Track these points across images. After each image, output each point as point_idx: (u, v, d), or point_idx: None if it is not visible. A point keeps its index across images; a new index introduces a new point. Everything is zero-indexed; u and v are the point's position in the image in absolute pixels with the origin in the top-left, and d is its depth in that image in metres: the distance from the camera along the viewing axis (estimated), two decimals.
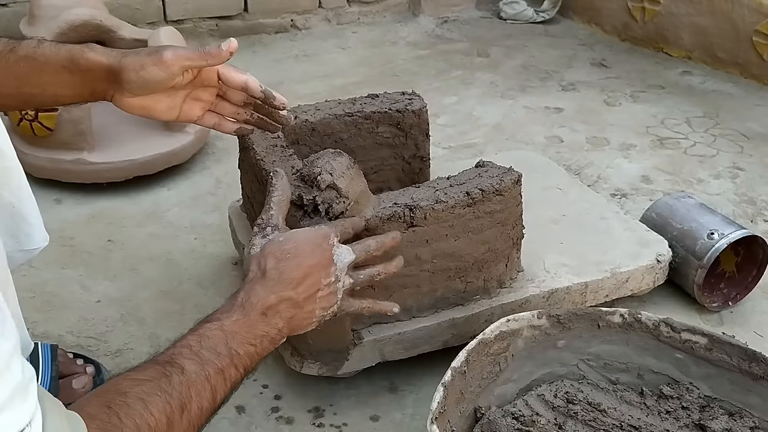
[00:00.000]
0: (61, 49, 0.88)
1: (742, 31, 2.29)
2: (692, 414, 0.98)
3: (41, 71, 0.86)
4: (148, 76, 0.86)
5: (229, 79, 0.94)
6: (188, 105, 0.95)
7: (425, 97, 1.36)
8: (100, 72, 0.87)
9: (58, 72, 0.87)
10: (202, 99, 0.95)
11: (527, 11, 2.94)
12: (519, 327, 1.00)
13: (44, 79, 0.87)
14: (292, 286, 0.81)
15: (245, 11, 2.78)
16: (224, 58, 0.89)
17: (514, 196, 1.10)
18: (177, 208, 1.64)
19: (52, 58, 0.87)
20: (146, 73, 0.86)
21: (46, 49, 0.87)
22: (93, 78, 0.87)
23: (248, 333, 0.77)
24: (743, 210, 1.63)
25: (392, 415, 1.10)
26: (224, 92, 0.97)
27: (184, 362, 0.70)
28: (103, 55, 0.87)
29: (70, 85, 0.88)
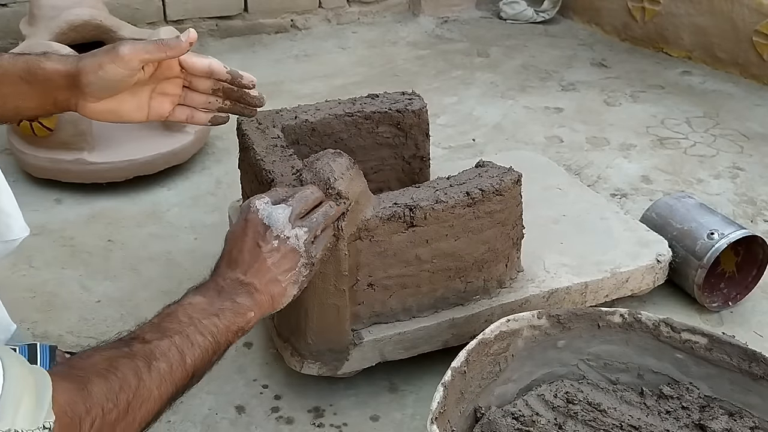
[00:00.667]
0: (18, 61, 0.86)
1: (742, 31, 2.29)
2: (692, 414, 0.98)
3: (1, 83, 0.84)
4: (108, 75, 0.84)
5: (191, 66, 0.90)
6: (156, 101, 0.92)
7: (425, 97, 1.36)
8: (59, 80, 0.85)
9: (16, 84, 0.85)
10: (169, 93, 0.92)
11: (527, 11, 2.94)
12: (519, 327, 1.00)
13: (3, 92, 0.85)
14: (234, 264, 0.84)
15: (245, 11, 2.78)
16: (183, 49, 0.86)
17: (514, 196, 1.10)
18: (177, 208, 1.64)
19: (9, 69, 0.85)
20: (105, 73, 0.83)
21: (3, 61, 0.85)
22: (53, 87, 0.85)
23: (209, 306, 0.79)
24: (743, 210, 1.63)
25: (392, 415, 1.10)
26: (190, 82, 0.93)
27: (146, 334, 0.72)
28: (59, 63, 0.85)
29: (30, 97, 0.86)
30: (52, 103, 0.87)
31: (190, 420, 1.08)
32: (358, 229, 1.00)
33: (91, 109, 0.87)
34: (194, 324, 0.76)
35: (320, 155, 1.00)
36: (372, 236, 1.01)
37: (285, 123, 1.25)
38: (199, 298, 0.80)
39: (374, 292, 1.05)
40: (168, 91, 0.92)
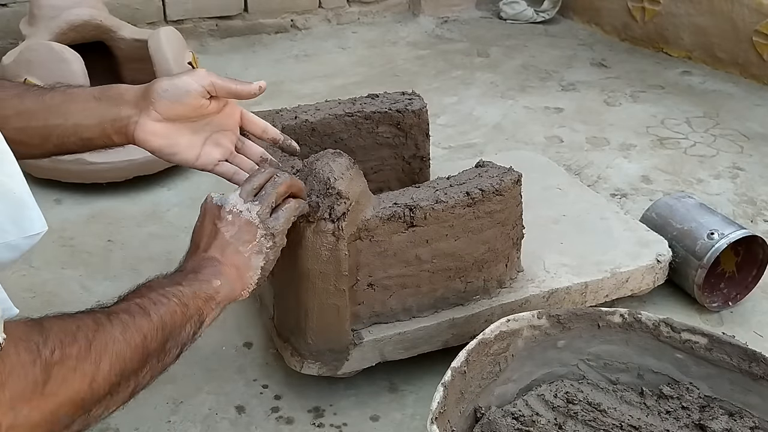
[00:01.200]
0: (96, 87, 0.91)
1: (742, 31, 2.30)
2: (692, 414, 0.98)
3: (71, 101, 0.89)
4: (180, 84, 0.89)
5: (249, 121, 0.99)
6: (208, 147, 0.97)
7: (425, 97, 1.36)
8: (129, 95, 0.90)
9: (86, 101, 0.89)
10: (222, 144, 0.98)
11: (527, 11, 2.94)
12: (519, 327, 1.00)
13: (71, 108, 0.88)
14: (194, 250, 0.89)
15: (245, 11, 2.78)
16: (252, 91, 0.93)
17: (514, 196, 1.10)
18: (177, 208, 1.64)
19: (85, 91, 0.91)
20: (179, 80, 0.89)
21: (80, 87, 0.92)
22: (119, 102, 0.89)
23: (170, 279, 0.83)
24: (743, 210, 1.63)
25: (392, 415, 1.10)
26: (242, 146, 1.00)
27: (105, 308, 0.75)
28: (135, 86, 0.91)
29: (93, 113, 0.89)
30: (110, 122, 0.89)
31: (190, 420, 1.08)
32: (358, 229, 1.00)
33: (149, 129, 0.90)
34: (155, 290, 0.78)
35: (320, 155, 1.01)
36: (372, 236, 1.01)
37: (285, 123, 1.25)
38: (163, 278, 0.83)
39: (374, 292, 1.05)
40: (222, 143, 0.98)
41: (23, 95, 0.89)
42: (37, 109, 0.88)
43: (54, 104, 0.88)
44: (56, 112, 0.88)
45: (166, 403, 1.11)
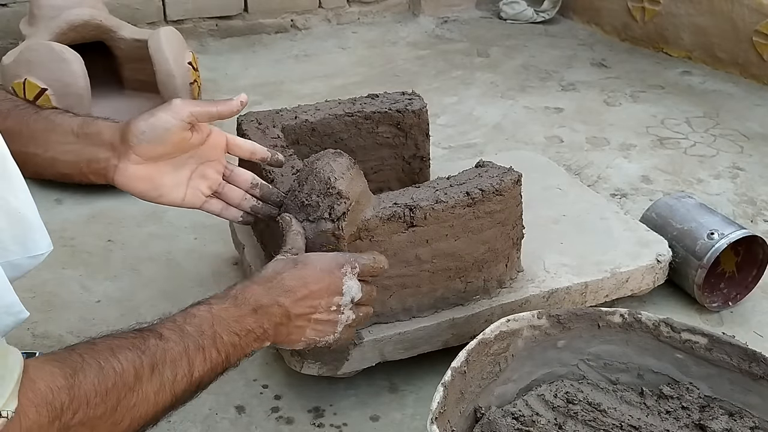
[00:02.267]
0: (77, 117, 0.88)
1: (742, 31, 2.30)
2: (692, 414, 0.98)
3: (52, 131, 0.86)
4: (158, 122, 0.85)
5: (236, 146, 0.95)
6: (195, 182, 0.93)
7: (425, 97, 1.36)
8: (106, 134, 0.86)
9: (65, 134, 0.86)
10: (209, 177, 0.95)
11: (527, 11, 2.94)
12: (519, 327, 1.00)
13: (51, 139, 0.86)
14: (289, 296, 0.81)
15: (245, 11, 2.78)
16: (234, 109, 0.89)
17: (514, 196, 1.10)
18: (177, 208, 1.64)
19: (66, 121, 0.87)
20: (156, 120, 0.85)
21: (66, 114, 0.89)
22: (96, 142, 0.86)
23: (235, 323, 0.76)
24: (743, 210, 1.63)
25: (392, 415, 1.10)
26: (230, 173, 0.97)
27: (164, 331, 0.70)
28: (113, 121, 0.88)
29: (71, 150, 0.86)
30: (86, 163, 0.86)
31: (190, 420, 1.08)
32: (358, 229, 1.00)
33: (129, 173, 0.87)
34: (214, 338, 0.73)
35: (320, 155, 1.01)
36: (372, 236, 1.01)
37: (285, 123, 1.25)
38: (233, 310, 0.77)
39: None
40: (208, 175, 0.94)
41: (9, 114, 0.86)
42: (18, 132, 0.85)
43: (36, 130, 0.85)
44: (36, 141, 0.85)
45: None
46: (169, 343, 0.69)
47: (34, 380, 0.58)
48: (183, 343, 0.70)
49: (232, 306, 0.77)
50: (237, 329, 0.76)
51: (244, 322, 0.77)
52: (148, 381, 0.66)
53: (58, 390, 0.58)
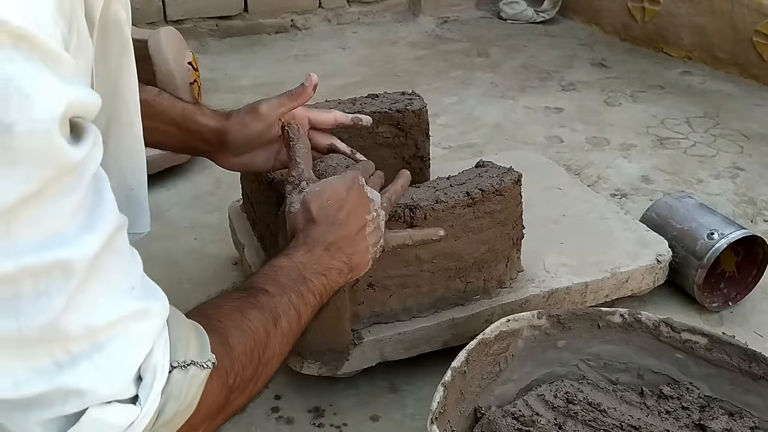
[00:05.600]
0: (177, 105, 0.96)
1: (742, 31, 2.30)
2: (692, 414, 0.98)
3: (155, 119, 0.93)
4: (250, 133, 0.95)
5: (319, 120, 1.02)
6: (282, 155, 1.00)
7: (425, 97, 1.35)
8: (207, 134, 0.96)
9: (169, 124, 0.95)
10: None
11: (527, 11, 2.94)
12: (519, 327, 1.00)
13: (156, 126, 0.93)
14: (343, 225, 0.83)
15: (245, 11, 2.78)
16: (309, 94, 0.96)
17: (514, 196, 1.10)
18: (177, 208, 1.64)
19: (168, 110, 0.95)
20: (248, 131, 0.95)
21: (164, 100, 0.96)
22: (199, 138, 0.96)
23: (317, 264, 0.78)
24: (743, 210, 1.63)
25: (392, 415, 1.10)
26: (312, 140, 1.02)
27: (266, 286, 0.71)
28: (211, 119, 0.96)
29: (175, 139, 0.96)
30: (192, 149, 0.99)
31: None
32: None
33: (229, 162, 0.99)
34: (306, 283, 0.75)
35: (323, 159, 1.01)
36: None
37: None
38: (309, 254, 0.79)
39: (374, 292, 1.05)
40: None
41: None
42: None
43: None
44: None
45: None
46: (276, 297, 0.71)
47: None
48: (286, 295, 0.72)
49: (307, 252, 0.79)
50: (321, 270, 0.78)
51: (323, 262, 0.79)
52: (274, 335, 0.68)
53: (221, 356, 0.59)
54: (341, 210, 0.84)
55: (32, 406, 0.45)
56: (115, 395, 0.48)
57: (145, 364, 0.50)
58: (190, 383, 0.54)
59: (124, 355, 0.48)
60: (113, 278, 0.48)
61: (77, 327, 0.45)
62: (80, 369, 0.46)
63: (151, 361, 0.50)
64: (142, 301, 0.51)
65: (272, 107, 0.95)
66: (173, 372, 0.52)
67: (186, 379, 0.53)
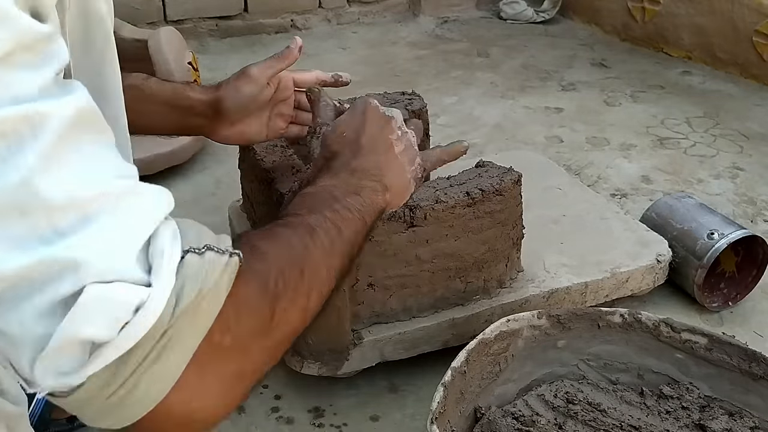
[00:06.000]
0: (166, 86, 0.97)
1: (742, 31, 2.29)
2: (692, 414, 0.98)
3: (146, 102, 0.94)
4: (243, 97, 0.95)
5: (302, 80, 1.02)
6: (273, 122, 1.02)
7: (425, 97, 1.35)
8: (200, 108, 0.96)
9: (161, 105, 0.95)
10: (284, 113, 1.03)
11: (527, 11, 2.94)
12: (519, 327, 1.00)
13: (148, 109, 0.94)
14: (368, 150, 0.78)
15: (245, 11, 2.78)
16: (296, 56, 0.98)
17: (514, 196, 1.10)
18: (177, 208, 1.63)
19: (158, 92, 0.96)
20: (241, 95, 0.95)
21: (152, 83, 0.97)
22: (193, 113, 0.96)
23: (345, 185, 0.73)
24: (743, 210, 1.63)
25: (392, 415, 1.10)
26: (298, 102, 1.04)
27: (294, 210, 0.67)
28: (202, 93, 0.96)
29: (170, 119, 0.96)
30: (187, 127, 0.99)
31: None
32: None
33: (223, 134, 0.99)
34: (338, 200, 0.69)
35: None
36: (372, 236, 1.01)
37: None
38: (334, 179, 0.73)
39: (374, 292, 1.05)
40: (283, 112, 1.03)
41: None
42: None
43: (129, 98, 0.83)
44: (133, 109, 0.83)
45: None
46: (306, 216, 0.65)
47: None
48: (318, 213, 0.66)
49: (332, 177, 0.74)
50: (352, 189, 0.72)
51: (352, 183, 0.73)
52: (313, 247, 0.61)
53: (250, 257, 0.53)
54: (361, 137, 0.78)
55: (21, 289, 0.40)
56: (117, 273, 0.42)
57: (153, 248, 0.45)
58: (209, 267, 0.47)
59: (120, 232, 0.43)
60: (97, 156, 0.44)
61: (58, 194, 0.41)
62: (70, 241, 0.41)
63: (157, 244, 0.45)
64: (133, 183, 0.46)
65: (261, 69, 0.96)
66: (186, 256, 0.47)
67: (203, 262, 0.47)
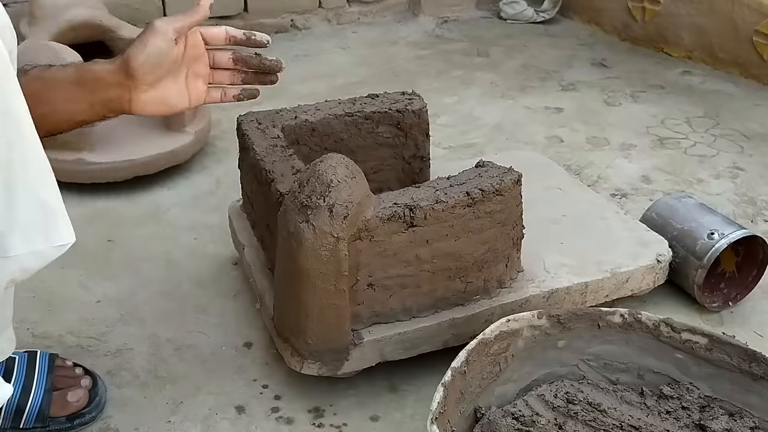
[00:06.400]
0: (68, 67, 0.94)
1: (742, 31, 2.29)
2: (692, 414, 0.98)
3: (52, 88, 0.91)
4: (153, 51, 0.91)
5: (211, 36, 0.99)
6: (192, 83, 0.99)
7: (425, 97, 1.36)
8: (109, 77, 0.92)
9: (67, 88, 0.91)
10: (201, 73, 1.00)
11: (527, 11, 2.94)
12: (519, 327, 1.00)
13: (55, 96, 0.91)
14: None
15: (245, 11, 2.78)
16: (206, 12, 0.95)
17: (514, 196, 1.10)
18: (177, 208, 1.64)
19: (60, 74, 0.92)
20: (150, 49, 0.91)
21: (54, 69, 0.93)
22: (104, 86, 0.92)
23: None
24: (743, 210, 1.63)
25: (392, 415, 1.10)
26: (213, 59, 1.01)
27: None
28: (107, 63, 0.93)
29: (81, 99, 0.92)
30: (103, 104, 0.93)
31: (190, 420, 1.08)
32: (358, 229, 1.00)
33: (142, 101, 0.94)
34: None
35: (324, 158, 1.01)
36: (372, 236, 1.01)
37: (285, 123, 1.25)
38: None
39: (374, 292, 1.05)
40: (199, 72, 0.99)
41: None
42: None
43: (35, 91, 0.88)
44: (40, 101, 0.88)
45: (166, 403, 1.11)
46: None
47: None
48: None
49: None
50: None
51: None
52: None
53: None
54: None
55: None
56: None
57: None
58: None
59: None
60: None
61: None
62: None
63: None
64: None
65: (167, 21, 0.93)
66: None
67: None
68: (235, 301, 1.33)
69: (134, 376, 1.16)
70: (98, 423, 1.07)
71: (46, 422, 1.03)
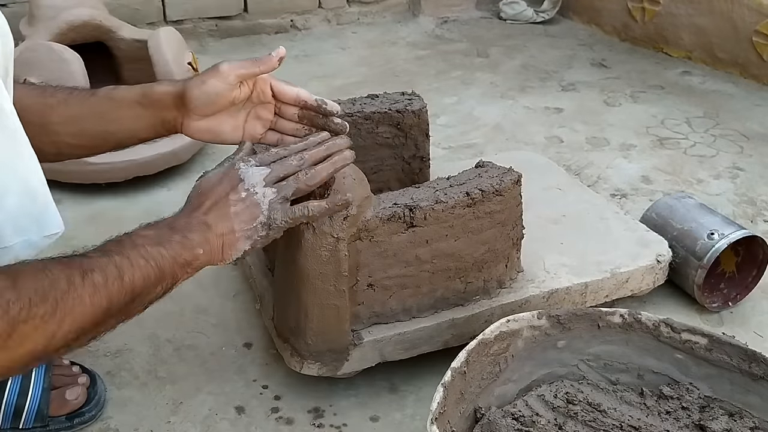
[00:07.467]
0: (134, 88, 0.99)
1: (742, 31, 2.30)
2: (692, 414, 0.98)
3: (119, 107, 0.97)
4: (209, 89, 0.94)
5: (281, 92, 1.00)
6: (250, 124, 1.00)
7: (425, 97, 1.36)
8: (168, 100, 0.96)
9: (132, 107, 0.97)
10: (262, 117, 1.01)
11: (527, 11, 2.94)
12: (519, 327, 1.00)
13: (121, 114, 0.97)
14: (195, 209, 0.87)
15: (245, 11, 2.78)
16: (274, 64, 0.96)
17: (514, 196, 1.10)
18: (177, 209, 1.64)
19: (127, 95, 0.97)
20: (207, 87, 0.94)
21: (121, 90, 0.98)
22: (163, 107, 0.97)
23: (156, 236, 0.82)
24: (743, 210, 1.63)
25: (392, 415, 1.10)
26: (279, 109, 1.01)
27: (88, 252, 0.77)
28: (169, 85, 0.98)
29: (143, 118, 0.97)
30: (161, 123, 0.98)
31: (190, 420, 1.08)
32: (358, 229, 1.00)
33: (194, 127, 0.98)
34: (137, 249, 0.79)
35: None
36: (372, 236, 1.01)
37: None
38: (150, 231, 0.83)
39: (374, 292, 1.05)
40: (262, 116, 1.01)
41: (68, 101, 0.97)
42: (87, 115, 0.97)
43: (103, 111, 0.97)
44: (108, 119, 0.97)
45: (166, 403, 1.11)
46: (94, 259, 0.75)
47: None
48: (107, 256, 0.76)
49: (150, 229, 0.83)
50: (159, 241, 0.81)
51: (164, 235, 0.83)
52: (81, 286, 0.72)
53: (3, 289, 0.65)
54: (201, 195, 0.88)
55: None
56: None
57: None
58: None
59: None
60: None
61: None
62: None
63: None
64: None
65: (233, 67, 0.95)
66: None
67: None
68: (235, 302, 1.33)
69: (134, 377, 1.16)
70: (98, 423, 1.07)
71: (46, 421, 1.03)
